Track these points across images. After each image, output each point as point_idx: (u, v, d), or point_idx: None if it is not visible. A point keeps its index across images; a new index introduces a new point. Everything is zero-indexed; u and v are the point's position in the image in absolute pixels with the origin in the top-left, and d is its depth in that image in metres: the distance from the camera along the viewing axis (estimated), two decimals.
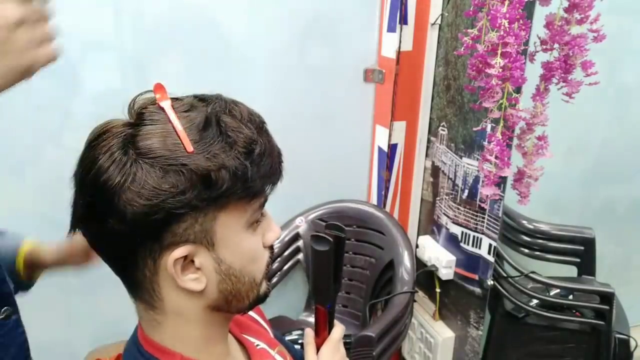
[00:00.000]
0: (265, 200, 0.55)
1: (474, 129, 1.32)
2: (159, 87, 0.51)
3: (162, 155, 0.46)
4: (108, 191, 0.46)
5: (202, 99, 0.52)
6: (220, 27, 1.40)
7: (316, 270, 0.66)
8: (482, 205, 1.36)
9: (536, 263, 1.65)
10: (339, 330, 0.72)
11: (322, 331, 0.71)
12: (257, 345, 0.68)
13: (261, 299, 0.58)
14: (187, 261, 0.50)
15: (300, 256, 1.63)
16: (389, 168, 1.60)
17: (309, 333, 0.72)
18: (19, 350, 0.70)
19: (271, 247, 0.58)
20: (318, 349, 0.71)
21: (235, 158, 0.48)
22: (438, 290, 1.57)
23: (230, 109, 0.51)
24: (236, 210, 0.51)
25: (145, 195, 0.46)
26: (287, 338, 1.09)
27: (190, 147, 0.47)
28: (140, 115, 0.50)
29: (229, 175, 0.48)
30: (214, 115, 0.49)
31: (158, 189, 0.46)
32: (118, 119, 0.51)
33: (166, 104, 0.49)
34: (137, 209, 0.46)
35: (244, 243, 0.53)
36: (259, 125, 0.52)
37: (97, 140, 0.49)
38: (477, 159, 1.35)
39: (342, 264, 0.68)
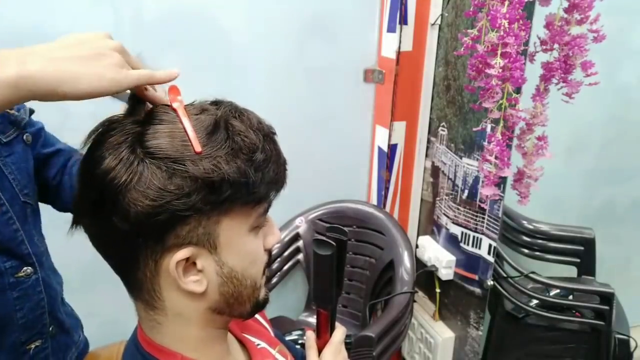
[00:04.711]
0: (269, 206, 0.55)
1: (474, 129, 1.32)
2: (173, 89, 0.51)
3: (169, 156, 0.46)
4: (114, 189, 0.46)
5: (213, 102, 0.53)
6: (220, 27, 1.40)
7: (318, 274, 0.66)
8: (482, 205, 1.36)
9: (536, 263, 1.65)
10: (340, 332, 0.72)
11: (323, 334, 0.71)
12: (258, 344, 0.68)
13: (260, 304, 0.58)
14: (189, 263, 0.50)
15: (300, 256, 1.63)
16: (389, 168, 1.60)
17: (311, 336, 0.72)
18: (35, 307, 0.77)
19: (269, 251, 0.58)
20: (320, 352, 0.71)
21: (240, 164, 0.48)
22: (438, 290, 1.57)
23: (239, 114, 0.51)
24: (240, 215, 0.51)
25: (151, 196, 0.46)
26: (287, 338, 1.09)
27: (198, 147, 0.47)
28: (149, 114, 0.50)
29: (233, 182, 0.48)
30: (223, 119, 0.49)
31: (163, 190, 0.46)
32: (124, 115, 0.51)
33: (178, 106, 0.50)
34: (141, 209, 0.46)
35: (246, 247, 0.53)
36: (267, 133, 0.52)
37: (104, 136, 0.48)
38: (477, 159, 1.35)
39: (344, 267, 0.68)
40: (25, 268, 0.75)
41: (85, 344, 0.95)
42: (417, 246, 1.64)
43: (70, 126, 1.31)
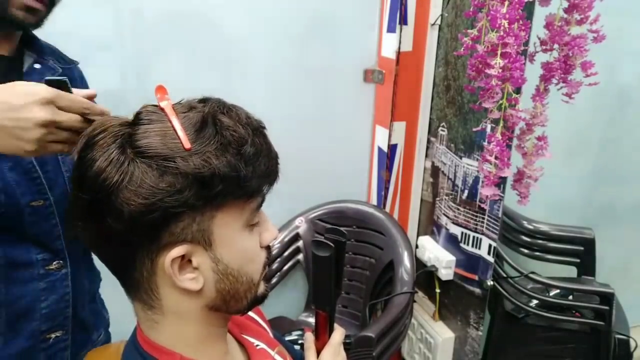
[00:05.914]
0: (263, 201, 0.55)
1: (474, 129, 1.32)
2: (160, 89, 0.52)
3: (159, 154, 0.47)
4: (106, 190, 0.46)
5: (201, 100, 0.53)
6: (220, 27, 1.41)
7: (317, 275, 0.66)
8: (482, 205, 1.36)
9: (536, 263, 1.65)
10: (339, 333, 0.72)
11: (322, 335, 0.71)
12: (257, 345, 0.68)
13: (259, 299, 0.58)
14: (185, 261, 0.51)
15: (300, 256, 1.63)
16: (389, 168, 1.60)
17: (309, 337, 0.72)
18: (59, 299, 0.81)
19: (268, 248, 0.59)
20: (318, 353, 0.71)
21: (230, 158, 0.48)
22: (438, 290, 1.57)
23: (227, 110, 0.52)
24: (233, 210, 0.51)
25: (143, 194, 0.46)
26: (287, 338, 1.09)
27: (188, 144, 0.47)
28: (138, 115, 0.50)
29: (225, 176, 0.48)
30: (211, 115, 0.50)
31: (155, 187, 0.46)
32: (114, 117, 0.52)
33: (166, 105, 0.50)
34: (134, 208, 0.46)
35: (241, 243, 0.53)
36: (256, 127, 0.53)
37: (94, 139, 0.49)
38: (477, 160, 1.35)
39: (343, 268, 0.68)
40: (56, 261, 0.79)
41: (104, 343, 0.98)
42: (417, 246, 1.64)
43: None
